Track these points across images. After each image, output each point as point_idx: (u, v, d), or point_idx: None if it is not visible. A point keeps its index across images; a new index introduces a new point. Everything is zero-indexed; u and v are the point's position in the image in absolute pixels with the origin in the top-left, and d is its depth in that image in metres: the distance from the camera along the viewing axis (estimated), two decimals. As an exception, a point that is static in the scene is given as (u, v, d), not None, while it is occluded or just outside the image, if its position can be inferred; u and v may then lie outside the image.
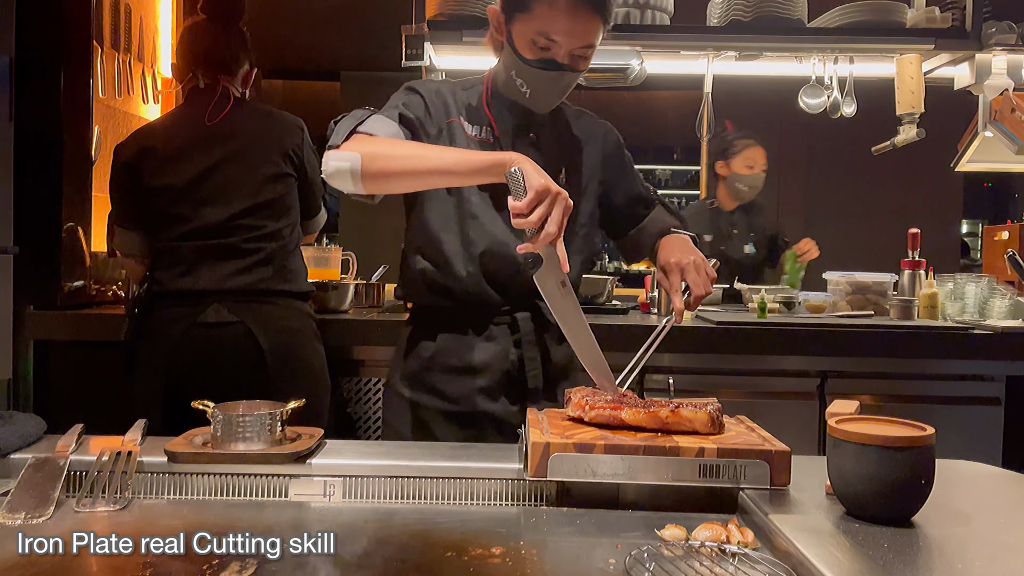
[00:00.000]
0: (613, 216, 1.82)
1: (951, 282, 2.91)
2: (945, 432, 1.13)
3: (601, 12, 1.52)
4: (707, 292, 1.58)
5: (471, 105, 1.66)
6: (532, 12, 1.51)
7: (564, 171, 1.69)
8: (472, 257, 1.61)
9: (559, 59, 1.54)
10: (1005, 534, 1.06)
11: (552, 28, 1.50)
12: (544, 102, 1.63)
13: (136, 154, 2.18)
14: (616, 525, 1.13)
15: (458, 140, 1.62)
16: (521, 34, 1.54)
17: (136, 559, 0.96)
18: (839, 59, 3.16)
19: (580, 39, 1.52)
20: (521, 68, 1.56)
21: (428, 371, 1.66)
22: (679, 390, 2.50)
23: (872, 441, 1.04)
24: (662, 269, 1.63)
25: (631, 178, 1.82)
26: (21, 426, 1.29)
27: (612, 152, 1.80)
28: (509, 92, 1.63)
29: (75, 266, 2.68)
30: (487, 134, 1.65)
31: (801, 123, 3.61)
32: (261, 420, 1.24)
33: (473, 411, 1.64)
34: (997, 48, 2.97)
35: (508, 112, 1.66)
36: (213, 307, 2.11)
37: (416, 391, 1.67)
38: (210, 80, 2.25)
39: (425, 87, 1.65)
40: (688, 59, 3.25)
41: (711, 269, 1.61)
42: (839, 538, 0.97)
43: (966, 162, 3.43)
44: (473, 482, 1.21)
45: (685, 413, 1.21)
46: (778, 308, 2.89)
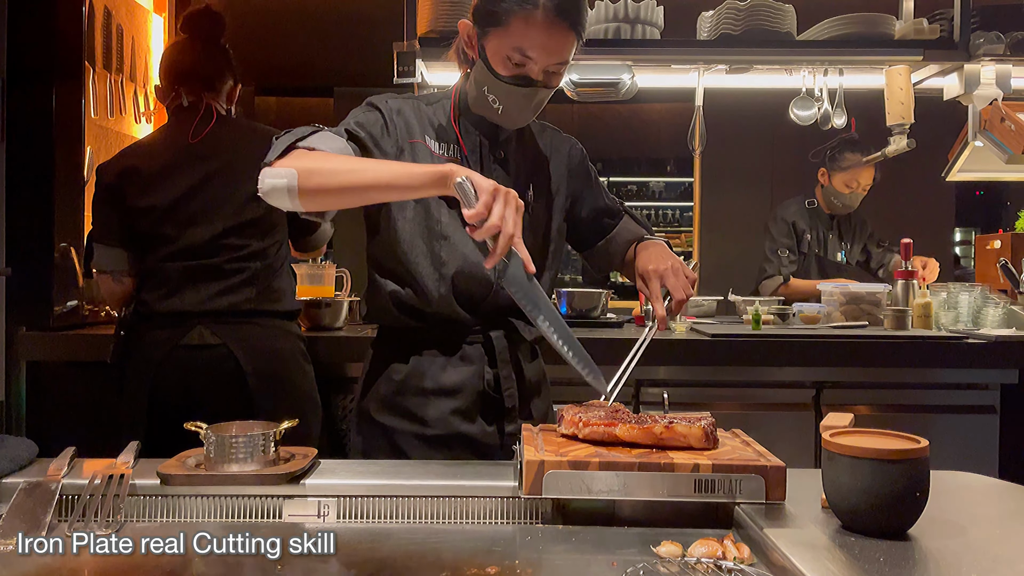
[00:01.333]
0: (579, 229, 1.80)
1: (944, 291, 2.92)
2: (941, 441, 1.13)
3: (576, 28, 1.50)
4: (688, 296, 1.57)
5: (437, 123, 1.62)
6: (507, 28, 1.48)
7: (532, 188, 1.68)
8: (444, 278, 1.58)
9: (533, 75, 1.51)
10: (1001, 546, 1.06)
11: (528, 44, 1.47)
12: (517, 119, 1.60)
13: (119, 175, 2.17)
14: (612, 542, 1.12)
15: (420, 160, 1.57)
16: (495, 50, 1.51)
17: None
18: (829, 71, 3.19)
19: (556, 55, 1.50)
20: (494, 84, 1.53)
21: (401, 394, 1.62)
22: (674, 403, 2.49)
23: (866, 454, 1.04)
24: (641, 277, 1.62)
25: (596, 191, 1.80)
26: (12, 450, 1.28)
27: (577, 166, 1.78)
28: (480, 108, 1.60)
29: (67, 287, 2.67)
30: (455, 152, 1.61)
31: (793, 134, 3.62)
32: (254, 441, 1.24)
33: (449, 433, 1.60)
34: (985, 58, 2.99)
35: (476, 129, 1.63)
36: (196, 329, 2.11)
37: (390, 415, 1.62)
38: (194, 98, 2.25)
39: (387, 104, 1.59)
40: (679, 72, 3.27)
41: (691, 272, 1.60)
42: (835, 552, 0.97)
43: (957, 172, 3.45)
44: (468, 500, 1.20)
45: (679, 428, 1.21)
46: (772, 320, 2.90)
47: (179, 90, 2.25)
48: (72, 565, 1.00)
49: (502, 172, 1.63)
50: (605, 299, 2.99)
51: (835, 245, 3.72)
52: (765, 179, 3.78)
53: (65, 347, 2.55)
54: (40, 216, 2.60)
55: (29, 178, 2.58)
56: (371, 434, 1.64)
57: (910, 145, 3.08)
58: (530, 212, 1.65)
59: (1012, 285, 2.92)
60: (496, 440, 1.62)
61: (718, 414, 1.27)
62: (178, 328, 2.11)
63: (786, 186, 4.87)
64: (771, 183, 5.15)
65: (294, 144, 1.40)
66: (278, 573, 1.00)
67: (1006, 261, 2.91)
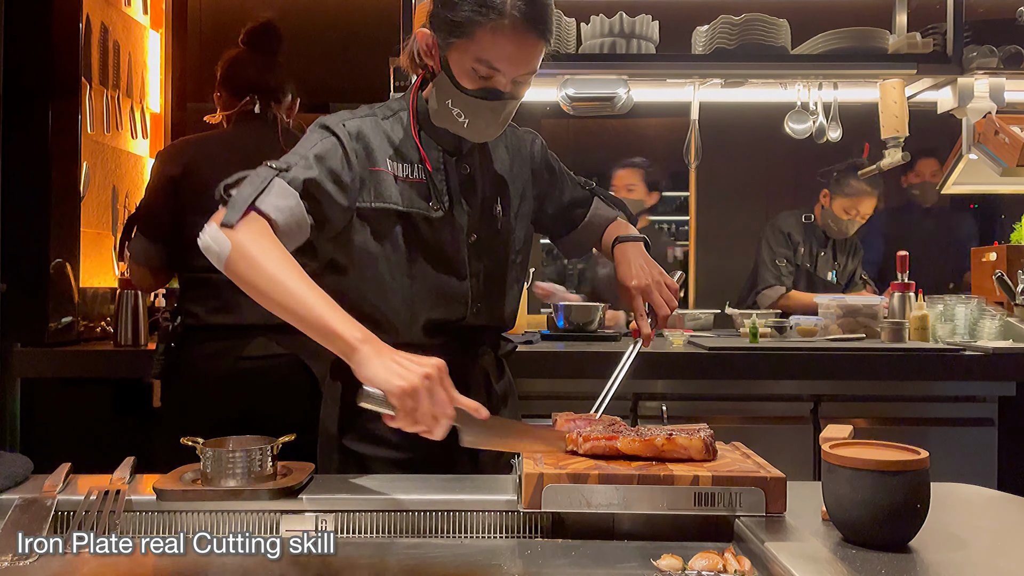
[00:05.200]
0: (548, 223, 1.78)
1: (941, 304, 2.92)
2: (940, 454, 1.13)
3: (546, 36, 1.41)
4: (673, 309, 1.57)
5: (398, 139, 1.52)
6: (473, 39, 1.38)
7: (499, 201, 1.61)
8: (415, 315, 1.52)
9: (501, 87, 1.42)
10: (1002, 558, 1.05)
11: (495, 56, 1.38)
12: (484, 133, 1.51)
13: (183, 168, 2.17)
14: (612, 556, 1.12)
15: (385, 190, 1.48)
16: (459, 62, 1.41)
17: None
18: (823, 85, 3.20)
19: (524, 66, 1.42)
20: (459, 97, 1.44)
21: (372, 421, 1.44)
22: (672, 417, 2.49)
23: (866, 466, 1.03)
24: (624, 291, 1.61)
25: (562, 185, 1.76)
26: (8, 466, 1.27)
27: (540, 164, 1.73)
28: (443, 122, 1.50)
29: (63, 303, 2.66)
30: (419, 173, 1.51)
31: (788, 148, 3.63)
32: (251, 455, 1.23)
33: (425, 456, 1.49)
34: (979, 72, 3.01)
35: (438, 144, 1.54)
36: (258, 340, 2.09)
37: (363, 443, 1.54)
38: (263, 107, 2.28)
39: (344, 128, 1.47)
40: (674, 87, 3.29)
41: (673, 283, 1.59)
42: (836, 565, 0.97)
43: (951, 184, 3.46)
44: (467, 515, 1.20)
45: (680, 440, 1.20)
46: (770, 333, 2.90)
47: (252, 97, 2.26)
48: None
49: (469, 189, 1.57)
50: (602, 312, 2.99)
51: (827, 263, 3.73)
52: (760, 193, 3.79)
53: (60, 363, 2.54)
54: (35, 232, 2.59)
55: (25, 193, 2.58)
56: (345, 464, 1.56)
57: (905, 158, 3.09)
58: (499, 228, 1.61)
59: (1008, 297, 2.92)
60: (471, 457, 1.54)
61: (716, 427, 1.26)
62: (237, 340, 2.09)
63: (781, 199, 4.89)
64: (767, 197, 5.15)
65: (253, 203, 1.30)
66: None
67: (1002, 273, 2.91)
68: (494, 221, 1.60)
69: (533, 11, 1.38)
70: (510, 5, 1.36)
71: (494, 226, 1.60)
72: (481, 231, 1.58)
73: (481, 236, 1.58)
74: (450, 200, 1.53)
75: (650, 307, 1.58)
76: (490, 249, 1.60)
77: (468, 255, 1.56)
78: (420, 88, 1.56)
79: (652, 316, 1.58)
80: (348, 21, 4.88)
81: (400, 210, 1.49)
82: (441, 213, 1.52)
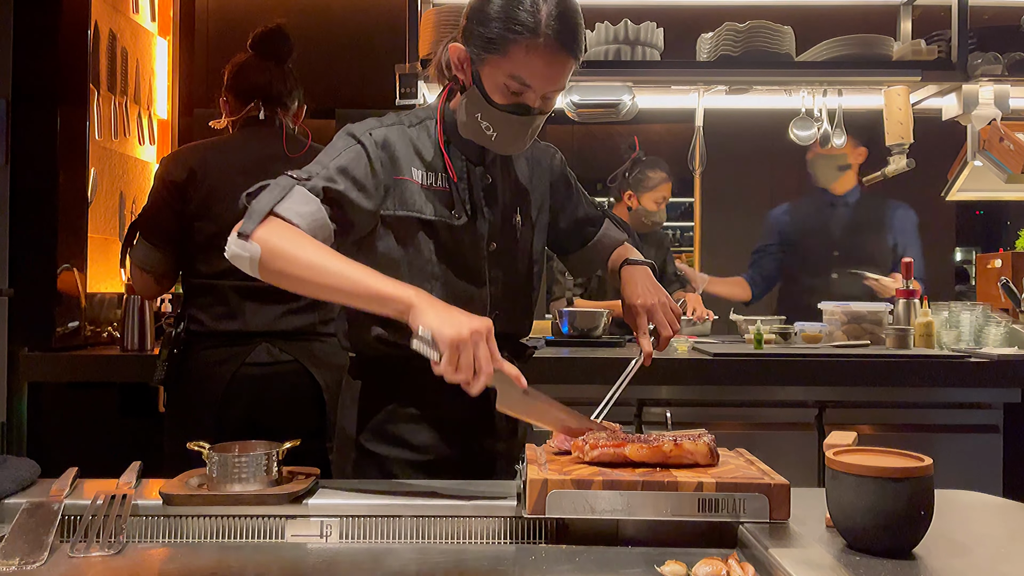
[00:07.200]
0: (560, 237, 1.80)
1: (946, 310, 2.92)
2: (945, 461, 1.13)
3: (576, 54, 1.44)
4: (675, 332, 1.58)
5: (424, 148, 1.55)
6: (506, 55, 1.41)
7: (518, 211, 1.64)
8: None
9: (531, 103, 1.45)
10: (1006, 565, 1.05)
11: (528, 73, 1.41)
12: (512, 146, 1.53)
13: (187, 174, 2.15)
14: (615, 562, 1.12)
15: (409, 198, 1.51)
16: (491, 77, 1.44)
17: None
18: (828, 91, 3.20)
19: (555, 83, 1.45)
20: (488, 111, 1.47)
21: (391, 422, 1.56)
22: (676, 423, 2.49)
23: (870, 473, 1.03)
24: (628, 309, 1.63)
25: (577, 200, 1.79)
26: (15, 470, 1.28)
27: (558, 178, 1.76)
28: (470, 134, 1.53)
29: (70, 308, 2.68)
30: (443, 182, 1.54)
31: (792, 154, 3.63)
32: (257, 461, 1.24)
33: (442, 458, 1.56)
34: (983, 79, 3.01)
35: (463, 155, 1.57)
36: (262, 347, 2.10)
37: (382, 444, 1.56)
38: (269, 113, 2.27)
39: (370, 136, 1.49)
40: (679, 93, 3.30)
41: (676, 307, 1.61)
42: (840, 572, 0.97)
43: (956, 191, 3.46)
44: (470, 520, 1.20)
45: (687, 445, 1.21)
46: (774, 339, 2.89)
47: (257, 102, 2.26)
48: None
49: (492, 200, 1.59)
50: (607, 318, 3.00)
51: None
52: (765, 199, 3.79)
53: (67, 368, 2.55)
54: (43, 237, 2.61)
55: (33, 199, 2.60)
56: (363, 464, 1.58)
57: (909, 165, 3.09)
58: (518, 237, 1.63)
59: (1013, 304, 2.91)
60: (488, 459, 1.60)
61: (720, 434, 1.27)
62: (242, 346, 2.10)
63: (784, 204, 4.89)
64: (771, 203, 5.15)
65: (272, 209, 1.34)
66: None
67: (1007, 280, 2.91)
68: (513, 230, 1.62)
69: (566, 30, 1.41)
70: (544, 24, 1.39)
71: (513, 235, 1.62)
72: (501, 240, 1.60)
73: (500, 245, 1.60)
74: (472, 209, 1.56)
75: (654, 327, 1.60)
76: (509, 258, 1.62)
77: (487, 263, 1.58)
78: (447, 99, 1.59)
79: (655, 336, 1.60)
80: (354, 28, 4.89)
81: (423, 218, 1.52)
82: (463, 221, 1.54)
